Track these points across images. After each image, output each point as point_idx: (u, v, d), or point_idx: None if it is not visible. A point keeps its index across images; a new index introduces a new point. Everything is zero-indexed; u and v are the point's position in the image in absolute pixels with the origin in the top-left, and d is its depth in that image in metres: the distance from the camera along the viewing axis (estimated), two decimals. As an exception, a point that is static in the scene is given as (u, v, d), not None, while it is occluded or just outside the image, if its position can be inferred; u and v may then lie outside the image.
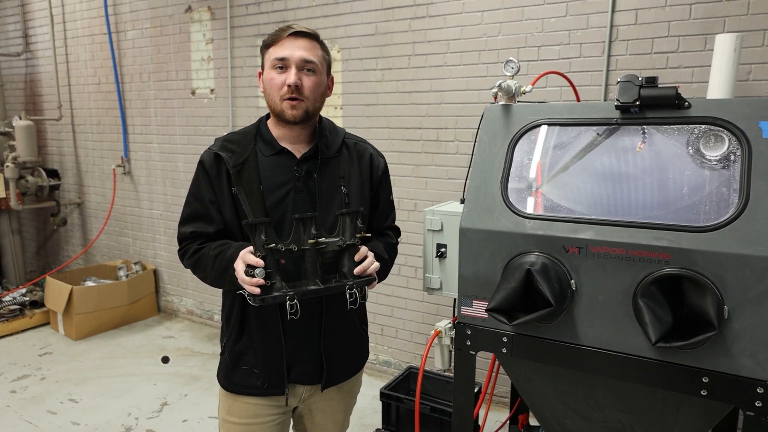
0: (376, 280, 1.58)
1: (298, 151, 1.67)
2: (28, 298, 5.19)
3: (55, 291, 4.79)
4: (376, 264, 1.56)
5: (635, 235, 1.38)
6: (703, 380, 1.32)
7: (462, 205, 1.68)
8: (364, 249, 1.54)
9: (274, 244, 1.41)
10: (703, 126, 1.43)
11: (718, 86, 2.37)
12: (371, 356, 4.14)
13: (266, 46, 1.61)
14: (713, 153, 1.41)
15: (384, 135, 3.79)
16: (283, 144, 1.66)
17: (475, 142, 1.70)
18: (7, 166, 5.28)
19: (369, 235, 1.59)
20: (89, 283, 5.06)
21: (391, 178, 1.83)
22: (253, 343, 1.67)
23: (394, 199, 1.90)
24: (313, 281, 1.48)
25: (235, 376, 1.71)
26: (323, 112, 1.75)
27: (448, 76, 3.50)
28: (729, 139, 1.39)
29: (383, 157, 1.83)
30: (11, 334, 4.82)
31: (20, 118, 5.45)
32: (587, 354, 1.45)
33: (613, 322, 1.41)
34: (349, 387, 1.85)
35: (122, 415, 3.52)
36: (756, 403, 1.28)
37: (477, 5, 3.34)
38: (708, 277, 1.29)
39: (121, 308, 4.96)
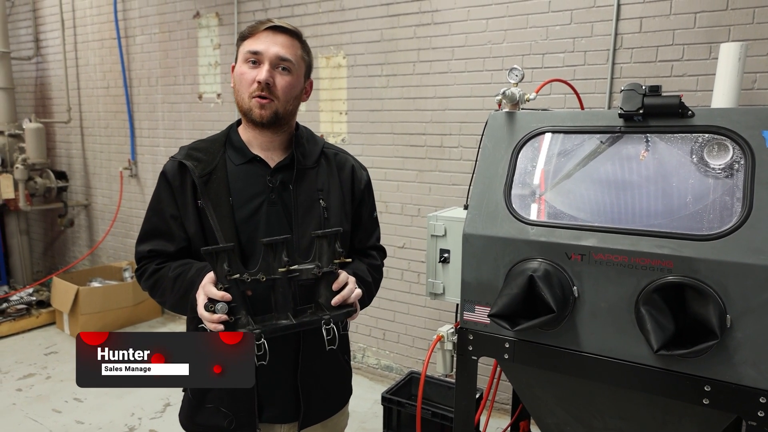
0: (358, 311, 1.41)
1: (272, 159, 1.52)
2: (34, 298, 5.25)
3: (62, 291, 4.84)
4: (358, 291, 1.38)
5: (638, 242, 1.38)
6: (705, 389, 1.32)
7: (465, 211, 1.69)
8: (343, 275, 1.36)
9: (238, 275, 1.25)
10: (707, 135, 1.44)
11: (722, 95, 2.37)
12: (373, 360, 4.14)
13: (242, 39, 1.46)
14: (717, 162, 1.42)
15: (388, 140, 3.81)
16: (255, 151, 1.51)
17: (478, 148, 1.71)
18: (17, 168, 5.36)
19: (349, 260, 1.42)
20: (95, 284, 5.11)
21: (395, 183, 1.79)
22: None
23: (400, 205, 1.83)
24: (285, 315, 1.31)
25: (198, 416, 1.52)
26: (328, 118, 1.73)
27: (452, 82, 3.52)
28: (733, 148, 1.40)
29: (366, 170, 1.70)
30: (18, 333, 4.87)
31: (30, 121, 5.52)
32: (589, 361, 1.45)
33: (616, 330, 1.41)
34: (333, 424, 1.66)
35: (126, 415, 3.54)
36: (759, 413, 1.28)
37: (482, 13, 3.36)
38: (710, 285, 1.29)
39: (126, 309, 4.99)
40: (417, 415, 2.22)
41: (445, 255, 2.09)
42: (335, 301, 1.33)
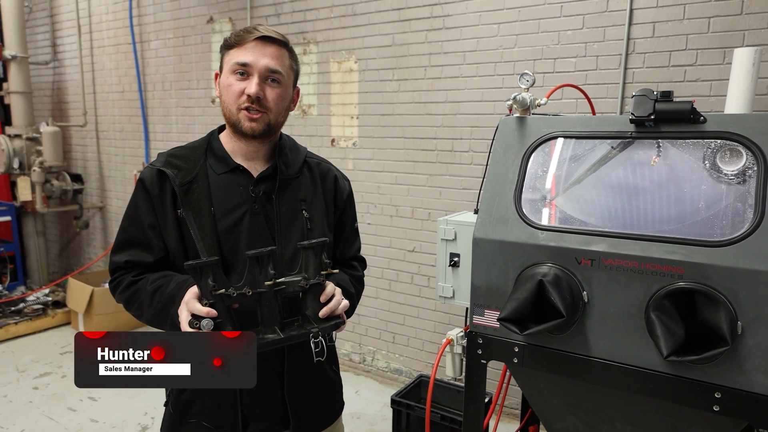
0: (345, 323, 1.39)
1: (255, 169, 1.49)
2: (50, 298, 5.34)
3: (77, 292, 4.92)
4: (345, 303, 1.36)
5: (648, 248, 1.38)
6: (716, 396, 1.31)
7: (475, 216, 1.70)
8: (330, 287, 1.33)
9: (223, 290, 1.21)
10: (719, 141, 1.44)
11: (736, 100, 2.35)
12: (382, 363, 4.15)
13: (227, 47, 1.41)
14: (729, 168, 1.41)
15: (399, 145, 3.82)
16: (238, 160, 1.47)
17: (489, 153, 1.72)
18: (34, 171, 5.45)
19: (336, 271, 1.38)
20: (109, 286, 5.17)
21: (406, 187, 1.78)
22: (201, 390, 1.45)
23: (411, 209, 1.82)
24: (271, 329, 1.27)
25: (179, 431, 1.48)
26: (340, 123, 1.74)
27: (463, 87, 3.53)
28: (746, 154, 1.39)
29: (348, 181, 1.68)
30: (34, 333, 4.96)
31: (47, 124, 5.61)
32: (598, 366, 1.45)
33: (625, 335, 1.41)
34: None
35: (139, 414, 3.59)
36: (770, 420, 1.27)
37: (493, 17, 3.36)
38: (721, 292, 1.28)
39: (139, 311, 5.05)
40: (426, 419, 2.23)
41: (455, 259, 2.10)
42: (323, 313, 1.30)
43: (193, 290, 1.24)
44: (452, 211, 3.31)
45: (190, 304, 1.22)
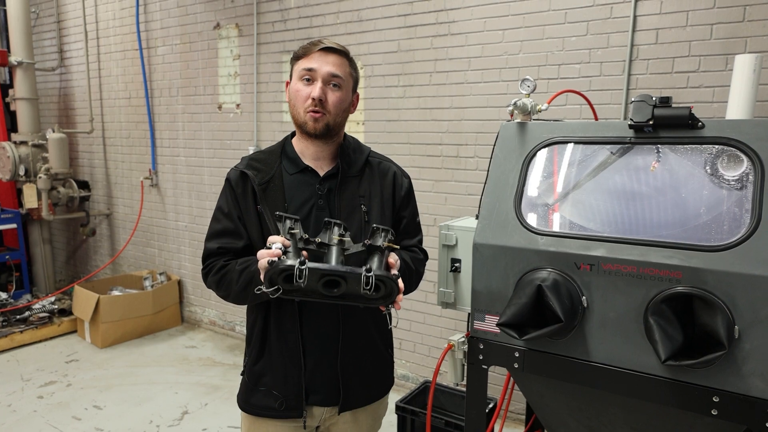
0: (401, 291, 1.43)
1: (322, 168, 1.69)
2: (56, 306, 5.32)
3: (83, 299, 4.92)
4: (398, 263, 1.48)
5: (647, 253, 1.39)
6: (714, 400, 1.32)
7: (476, 221, 1.71)
8: (395, 256, 1.48)
9: (298, 231, 1.42)
10: (717, 146, 1.44)
11: (737, 107, 2.36)
12: (388, 370, 4.15)
13: (296, 58, 1.65)
14: (729, 173, 1.42)
15: (405, 150, 3.84)
16: (307, 161, 1.69)
17: (490, 158, 1.73)
18: (40, 178, 5.45)
19: (398, 247, 1.50)
20: (116, 293, 5.19)
21: None
22: (272, 363, 1.68)
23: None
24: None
25: (252, 397, 1.72)
26: (345, 128, 1.78)
27: (468, 93, 3.54)
28: (746, 160, 1.40)
29: (408, 177, 1.83)
30: (40, 341, 4.95)
31: (53, 131, 5.60)
32: (598, 370, 1.46)
33: (624, 340, 1.42)
34: (372, 410, 1.82)
35: (144, 423, 3.60)
36: (767, 425, 1.28)
37: (498, 24, 3.38)
38: (718, 296, 1.29)
39: (146, 317, 5.07)
40: (427, 424, 2.23)
41: (456, 264, 2.11)
42: (389, 263, 1.45)
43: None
44: (458, 217, 3.32)
45: (269, 239, 1.43)
